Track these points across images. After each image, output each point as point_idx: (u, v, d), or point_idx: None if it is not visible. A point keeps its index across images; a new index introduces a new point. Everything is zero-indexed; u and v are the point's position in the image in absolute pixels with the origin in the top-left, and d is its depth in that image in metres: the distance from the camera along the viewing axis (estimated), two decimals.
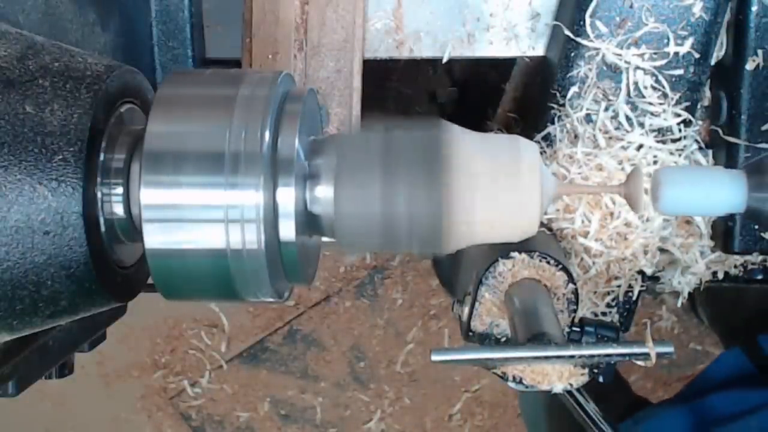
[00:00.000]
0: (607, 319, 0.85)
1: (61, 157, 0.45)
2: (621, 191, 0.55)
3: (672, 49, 0.79)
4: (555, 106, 0.82)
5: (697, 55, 0.80)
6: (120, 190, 0.49)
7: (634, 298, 0.85)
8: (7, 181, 0.44)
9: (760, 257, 0.93)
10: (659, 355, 0.56)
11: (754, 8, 0.79)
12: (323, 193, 0.50)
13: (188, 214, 0.47)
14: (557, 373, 0.71)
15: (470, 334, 0.72)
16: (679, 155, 0.82)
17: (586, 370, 0.71)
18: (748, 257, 0.93)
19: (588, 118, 0.81)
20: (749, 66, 0.81)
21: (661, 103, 0.81)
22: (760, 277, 0.96)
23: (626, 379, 1.44)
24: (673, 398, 1.18)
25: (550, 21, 0.84)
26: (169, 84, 0.50)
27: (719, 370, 1.12)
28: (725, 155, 0.84)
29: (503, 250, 0.71)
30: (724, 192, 0.53)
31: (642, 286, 0.85)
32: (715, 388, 1.08)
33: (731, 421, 1.00)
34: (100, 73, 0.49)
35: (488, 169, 0.49)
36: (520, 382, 0.71)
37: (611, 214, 0.81)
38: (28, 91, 0.46)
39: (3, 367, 0.60)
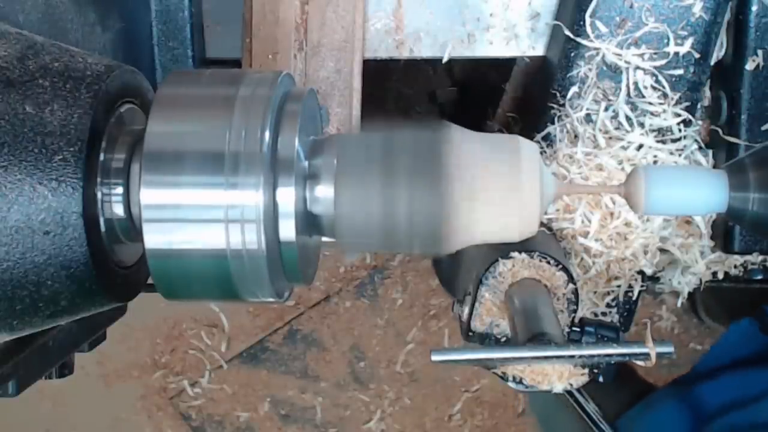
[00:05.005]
0: (607, 319, 0.85)
1: (61, 157, 0.45)
2: (621, 191, 0.54)
3: (672, 49, 0.79)
4: (555, 106, 0.82)
5: (697, 55, 0.80)
6: (120, 190, 0.49)
7: (634, 298, 0.85)
8: (7, 181, 0.44)
9: (760, 257, 0.93)
10: (659, 355, 0.56)
11: (754, 8, 0.79)
12: (323, 193, 0.50)
13: (188, 214, 0.47)
14: (557, 373, 0.71)
15: (470, 334, 0.72)
16: (679, 155, 0.82)
17: (586, 370, 0.71)
18: (748, 257, 0.93)
19: (588, 118, 0.81)
20: (749, 66, 0.81)
21: (661, 103, 0.81)
22: (760, 277, 0.96)
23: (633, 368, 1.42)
24: (671, 384, 1.17)
25: (550, 21, 0.84)
26: (169, 84, 0.50)
27: (728, 346, 1.11)
28: (725, 155, 0.84)
29: (503, 250, 0.71)
30: (706, 192, 0.53)
31: (642, 286, 0.85)
32: (722, 367, 1.07)
33: (732, 409, 0.99)
34: (100, 73, 0.49)
35: (488, 169, 0.49)
36: (520, 382, 0.71)
37: (611, 214, 0.81)
38: (28, 91, 0.46)
39: (3, 367, 0.60)
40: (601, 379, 0.75)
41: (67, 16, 0.63)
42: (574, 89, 0.81)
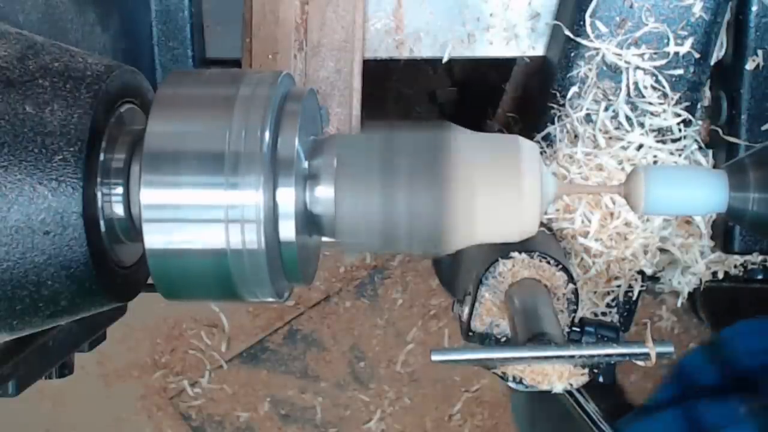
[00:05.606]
0: (607, 319, 0.85)
1: (61, 157, 0.45)
2: (621, 191, 0.54)
3: (672, 49, 0.79)
4: (555, 106, 0.82)
5: (697, 55, 0.80)
6: (120, 190, 0.49)
7: (634, 298, 0.85)
8: (7, 181, 0.44)
9: (760, 257, 0.93)
10: (659, 355, 0.56)
11: (754, 8, 0.79)
12: (323, 193, 0.50)
13: (188, 214, 0.47)
14: (557, 373, 0.71)
15: (470, 334, 0.72)
16: (679, 155, 0.82)
17: (586, 370, 0.71)
18: (748, 257, 0.93)
19: (588, 118, 0.81)
20: (749, 66, 0.81)
21: (661, 103, 0.81)
22: (760, 277, 0.96)
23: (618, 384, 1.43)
24: (665, 399, 1.17)
25: (550, 21, 0.84)
26: (169, 84, 0.50)
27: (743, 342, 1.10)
28: (725, 155, 0.84)
29: (503, 250, 0.71)
30: (706, 192, 0.53)
31: (642, 286, 0.85)
32: (727, 388, 1.07)
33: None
34: (100, 73, 0.49)
35: (488, 170, 0.49)
36: (520, 382, 0.71)
37: (611, 214, 0.81)
38: (28, 91, 0.46)
39: (3, 367, 0.60)
40: (601, 379, 0.75)
41: (67, 16, 0.63)
42: (574, 89, 0.81)
